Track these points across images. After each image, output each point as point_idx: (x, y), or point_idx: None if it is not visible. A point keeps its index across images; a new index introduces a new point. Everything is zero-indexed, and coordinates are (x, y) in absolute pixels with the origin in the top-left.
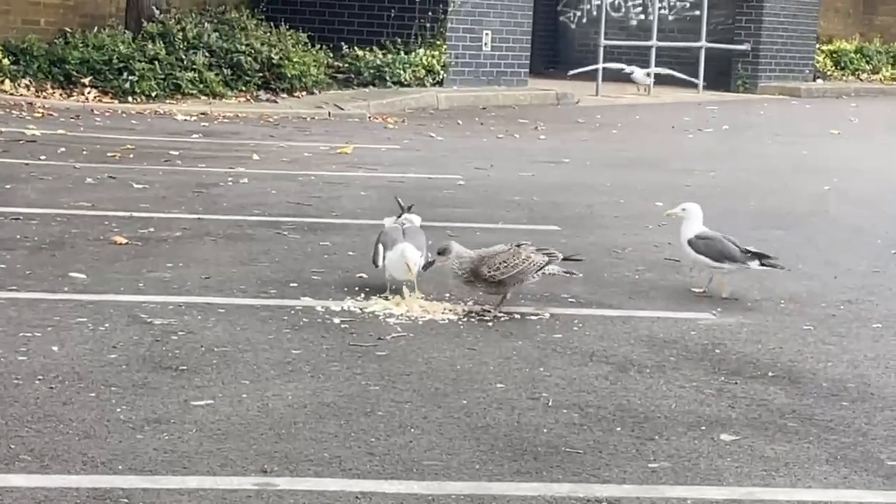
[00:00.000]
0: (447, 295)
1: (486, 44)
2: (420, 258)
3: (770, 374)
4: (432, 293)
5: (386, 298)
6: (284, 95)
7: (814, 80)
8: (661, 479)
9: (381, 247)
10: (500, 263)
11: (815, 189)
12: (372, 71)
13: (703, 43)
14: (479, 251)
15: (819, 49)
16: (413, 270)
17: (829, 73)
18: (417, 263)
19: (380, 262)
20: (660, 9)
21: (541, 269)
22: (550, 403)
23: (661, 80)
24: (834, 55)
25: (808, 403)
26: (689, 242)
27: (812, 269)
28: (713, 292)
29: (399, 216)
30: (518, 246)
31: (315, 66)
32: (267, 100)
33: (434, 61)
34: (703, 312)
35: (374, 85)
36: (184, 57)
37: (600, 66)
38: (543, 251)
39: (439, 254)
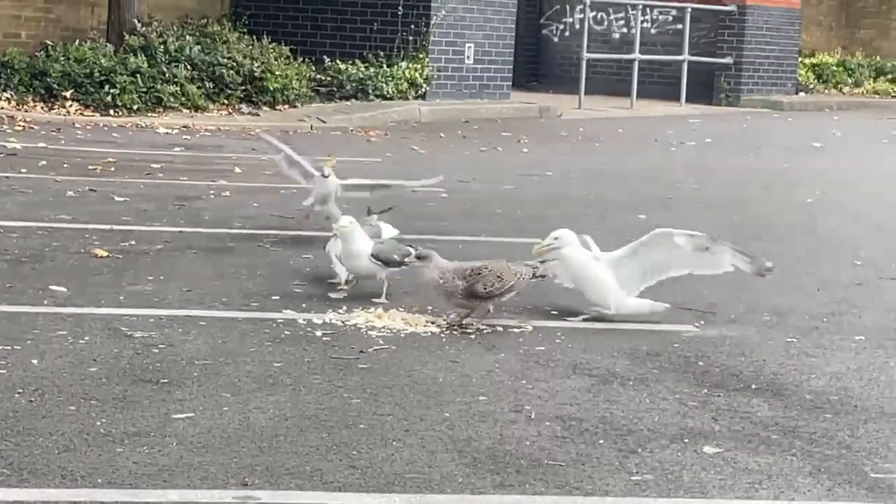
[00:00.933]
0: (430, 308)
1: (468, 57)
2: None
3: (753, 386)
4: (414, 305)
5: (369, 311)
6: (266, 109)
7: (796, 94)
8: (644, 491)
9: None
10: (496, 279)
11: (797, 201)
12: (354, 84)
13: (686, 56)
14: (460, 265)
15: (801, 62)
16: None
17: (811, 86)
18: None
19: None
20: (642, 22)
21: (527, 281)
22: (533, 416)
23: (643, 94)
24: (816, 68)
25: (791, 416)
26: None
27: (795, 282)
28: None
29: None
30: (495, 260)
31: (297, 79)
32: (249, 113)
33: (417, 74)
34: (686, 325)
35: (356, 98)
36: (165, 70)
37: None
38: (523, 264)
39: (419, 258)
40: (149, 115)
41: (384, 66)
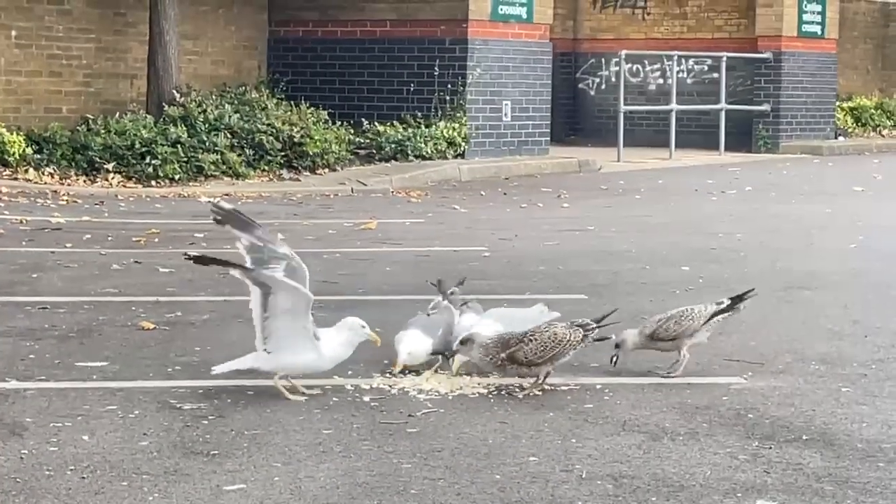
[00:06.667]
0: (474, 371)
1: (506, 114)
2: (417, 346)
3: (804, 437)
4: (461, 368)
5: (417, 374)
6: (307, 173)
7: (835, 138)
8: None
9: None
10: (538, 348)
11: (841, 247)
12: (393, 145)
13: (723, 105)
14: (503, 334)
15: (839, 106)
16: (399, 360)
17: (850, 130)
18: (408, 352)
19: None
20: (678, 73)
21: (577, 346)
22: (584, 475)
23: (681, 144)
24: (854, 112)
25: (843, 466)
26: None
27: (841, 329)
28: None
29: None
30: (549, 325)
31: (336, 142)
32: (290, 178)
33: (455, 133)
34: (734, 377)
35: (395, 159)
36: (206, 139)
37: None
38: (576, 323)
39: (461, 343)
40: (190, 184)
41: (422, 126)
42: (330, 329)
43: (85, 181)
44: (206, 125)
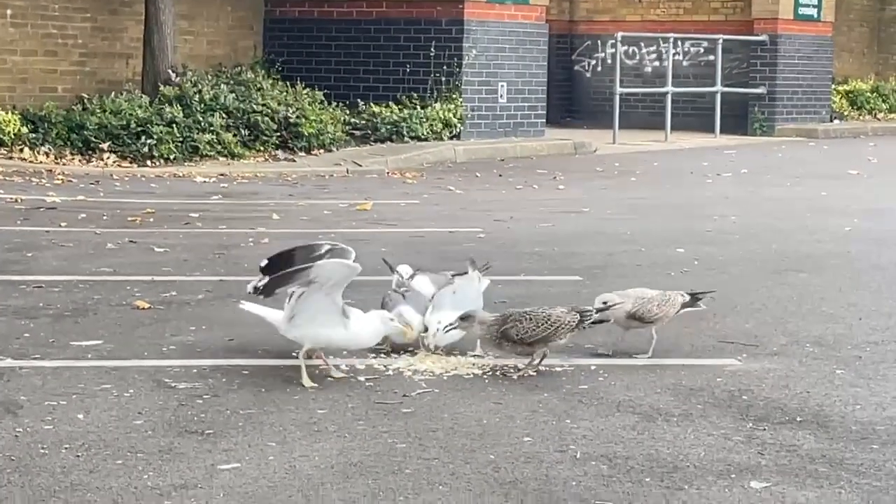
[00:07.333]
0: (469, 351)
1: (501, 96)
2: (420, 320)
3: (798, 418)
4: (456, 349)
5: (412, 354)
6: (302, 154)
7: (830, 121)
8: None
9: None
10: (530, 327)
11: (836, 230)
12: (389, 126)
13: (719, 87)
14: (502, 313)
15: (835, 90)
16: (413, 333)
17: (845, 113)
18: (419, 324)
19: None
20: (674, 55)
21: (572, 329)
22: (578, 456)
23: (677, 127)
24: (850, 95)
25: (837, 447)
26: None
27: (836, 312)
28: None
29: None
30: (550, 307)
31: (332, 123)
32: (285, 159)
33: (450, 115)
34: (729, 359)
35: (391, 140)
36: (201, 119)
37: None
38: (576, 309)
39: (462, 319)
40: (186, 164)
41: (418, 107)
42: (361, 313)
43: (80, 160)
44: (202, 105)
